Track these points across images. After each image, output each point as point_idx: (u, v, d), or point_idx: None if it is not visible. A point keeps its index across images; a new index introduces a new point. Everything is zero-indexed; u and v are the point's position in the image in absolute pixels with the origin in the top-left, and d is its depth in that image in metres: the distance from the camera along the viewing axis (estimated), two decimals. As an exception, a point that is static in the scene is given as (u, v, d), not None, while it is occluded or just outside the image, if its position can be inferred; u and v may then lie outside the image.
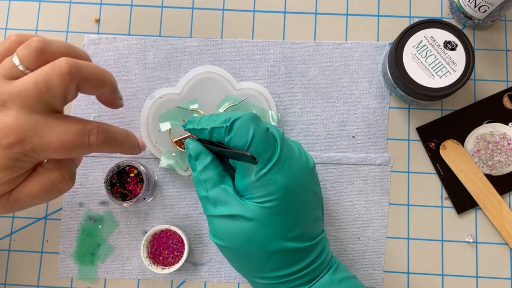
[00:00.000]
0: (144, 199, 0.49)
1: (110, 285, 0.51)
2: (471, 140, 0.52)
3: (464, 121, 0.52)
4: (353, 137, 0.52)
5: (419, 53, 0.49)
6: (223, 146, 0.39)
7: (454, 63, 0.48)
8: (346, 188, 0.52)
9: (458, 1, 0.52)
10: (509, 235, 0.50)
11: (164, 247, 0.50)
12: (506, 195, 0.51)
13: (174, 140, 0.51)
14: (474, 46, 0.54)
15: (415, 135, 0.53)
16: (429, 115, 0.53)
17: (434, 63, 0.48)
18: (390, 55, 0.49)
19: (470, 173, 0.51)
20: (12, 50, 0.37)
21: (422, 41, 0.49)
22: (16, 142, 0.34)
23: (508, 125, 0.52)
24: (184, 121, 0.44)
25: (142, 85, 0.53)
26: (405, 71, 0.48)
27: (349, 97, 0.53)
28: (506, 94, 0.53)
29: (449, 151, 0.51)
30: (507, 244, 0.51)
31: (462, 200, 0.51)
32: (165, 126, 0.51)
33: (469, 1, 0.50)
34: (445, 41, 0.49)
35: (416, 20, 0.53)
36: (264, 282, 0.40)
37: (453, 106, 0.53)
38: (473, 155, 0.51)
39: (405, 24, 0.54)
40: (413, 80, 0.48)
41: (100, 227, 0.52)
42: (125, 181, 0.48)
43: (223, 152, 0.40)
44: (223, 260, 0.51)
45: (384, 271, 0.51)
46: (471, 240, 0.51)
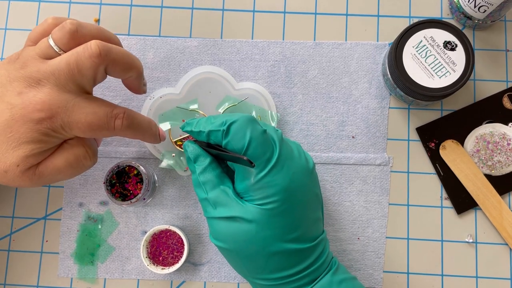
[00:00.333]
0: (144, 199, 0.49)
1: (110, 285, 0.51)
2: (471, 140, 0.52)
3: (464, 121, 0.52)
4: (353, 137, 0.52)
5: (419, 53, 0.49)
6: (221, 149, 0.39)
7: (454, 63, 0.48)
8: (346, 188, 0.52)
9: (458, 1, 0.52)
10: (509, 235, 0.50)
11: (164, 247, 0.50)
12: (506, 195, 0.51)
13: (174, 141, 0.51)
14: (474, 46, 0.54)
15: (415, 135, 0.53)
16: (429, 115, 0.53)
17: (434, 63, 0.48)
18: (390, 55, 0.49)
19: (470, 173, 0.51)
20: (48, 32, 0.40)
21: (422, 41, 0.49)
22: (47, 118, 0.37)
23: (508, 125, 0.52)
24: (183, 123, 0.44)
25: (142, 85, 0.53)
26: (405, 71, 0.48)
27: (349, 97, 0.53)
28: (506, 94, 0.53)
29: (449, 151, 0.51)
30: (507, 244, 0.51)
31: (462, 200, 0.51)
32: (165, 127, 0.51)
33: (469, 1, 0.50)
34: (445, 41, 0.49)
35: (416, 20, 0.53)
36: (265, 284, 0.40)
37: (453, 106, 0.53)
38: (473, 155, 0.51)
39: (405, 24, 0.54)
40: (413, 80, 0.48)
41: (100, 227, 0.52)
42: (125, 181, 0.48)
43: (221, 155, 0.39)
44: (223, 261, 0.51)
45: (384, 271, 0.51)
46: (471, 240, 0.51)
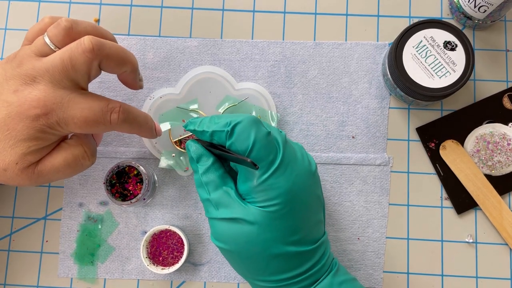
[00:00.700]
0: (144, 200, 0.49)
1: (110, 285, 0.51)
2: (471, 140, 0.52)
3: (464, 121, 0.52)
4: (353, 138, 0.52)
5: (419, 53, 0.49)
6: (224, 150, 0.39)
7: (454, 63, 0.48)
8: (346, 189, 0.52)
9: (458, 1, 0.52)
10: (509, 235, 0.50)
11: (164, 248, 0.50)
12: (506, 195, 0.51)
13: (174, 141, 0.51)
14: (474, 46, 0.54)
15: (415, 135, 0.53)
16: (429, 115, 0.53)
17: (434, 63, 0.48)
18: (390, 55, 0.49)
19: (470, 173, 0.51)
20: (45, 31, 0.41)
21: (422, 41, 0.49)
22: (42, 114, 0.38)
23: (508, 125, 0.52)
24: (185, 122, 0.44)
25: (142, 85, 0.53)
26: (405, 71, 0.48)
27: (349, 97, 0.53)
28: (506, 94, 0.53)
29: (449, 151, 0.51)
30: (507, 245, 0.51)
31: (462, 200, 0.51)
32: (165, 127, 0.51)
33: (469, 1, 0.50)
34: (445, 41, 0.49)
35: (416, 20, 0.53)
36: (265, 285, 0.40)
37: (453, 106, 0.53)
38: (473, 155, 0.51)
39: (405, 24, 0.54)
40: (413, 80, 0.48)
41: (100, 228, 0.52)
42: (125, 182, 0.48)
43: (224, 156, 0.39)
44: (223, 261, 0.51)
45: (384, 271, 0.51)
46: (471, 241, 0.51)
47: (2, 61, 0.40)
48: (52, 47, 0.39)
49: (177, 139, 0.51)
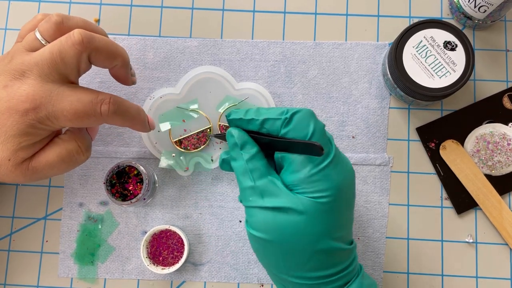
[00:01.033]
0: (144, 200, 0.49)
1: (110, 285, 0.51)
2: (471, 140, 0.52)
3: (464, 121, 0.52)
4: (353, 137, 0.52)
5: (419, 53, 0.49)
6: (277, 137, 0.38)
7: (454, 63, 0.48)
8: (346, 188, 0.52)
9: (458, 1, 0.52)
10: (509, 235, 0.50)
11: (164, 247, 0.50)
12: (506, 195, 0.51)
13: (174, 141, 0.51)
14: (474, 46, 0.54)
15: (415, 135, 0.53)
16: (429, 115, 0.53)
17: (434, 63, 0.48)
18: (390, 55, 0.49)
19: (470, 173, 0.51)
20: (36, 27, 0.41)
21: (422, 41, 0.49)
22: (31, 109, 0.37)
23: (508, 125, 0.52)
24: (228, 111, 0.42)
25: (142, 85, 0.53)
26: (405, 71, 0.48)
27: (349, 97, 0.53)
28: (506, 94, 0.53)
29: (449, 151, 0.51)
30: (507, 244, 0.51)
31: (462, 200, 0.51)
32: (165, 127, 0.51)
33: (469, 1, 0.50)
34: (445, 41, 0.49)
35: (416, 20, 0.53)
36: (299, 282, 0.38)
37: (453, 106, 0.53)
38: (473, 155, 0.51)
39: (405, 24, 0.54)
40: (413, 80, 0.48)
41: (100, 227, 0.52)
42: (125, 182, 0.48)
43: (275, 142, 0.38)
44: (223, 260, 0.51)
45: (384, 271, 0.51)
46: (471, 240, 0.51)
47: None
48: (43, 42, 0.39)
49: (177, 139, 0.51)
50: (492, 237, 0.51)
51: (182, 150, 0.50)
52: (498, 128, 0.51)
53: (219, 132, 0.51)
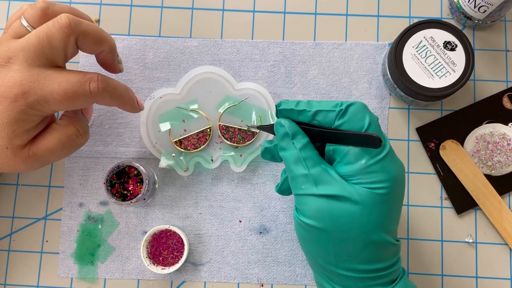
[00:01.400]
0: (144, 200, 0.49)
1: (110, 285, 0.51)
2: (471, 141, 0.52)
3: (464, 121, 0.52)
4: (353, 137, 0.52)
5: (419, 54, 0.49)
6: (330, 129, 0.38)
7: (454, 64, 0.48)
8: (346, 188, 0.52)
9: (458, 2, 0.52)
10: (509, 235, 0.50)
11: (164, 247, 0.50)
12: (506, 195, 0.51)
13: (174, 141, 0.51)
14: (474, 47, 0.54)
15: (415, 135, 0.53)
16: (429, 115, 0.53)
17: (434, 64, 0.48)
18: (390, 55, 0.49)
19: (470, 174, 0.51)
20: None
21: (422, 42, 0.49)
22: (20, 94, 0.37)
23: (508, 125, 0.52)
24: (279, 101, 0.42)
25: (142, 85, 0.53)
26: (405, 71, 0.48)
27: (349, 97, 0.53)
28: (506, 94, 0.53)
29: (449, 152, 0.51)
30: (507, 245, 0.51)
31: (462, 201, 0.51)
32: (165, 127, 0.51)
33: (469, 2, 0.50)
34: (445, 42, 0.49)
35: (416, 21, 0.53)
36: (347, 275, 0.38)
37: (453, 106, 0.53)
38: (473, 156, 0.51)
39: (405, 25, 0.54)
40: (413, 80, 0.48)
41: (100, 227, 0.52)
42: (125, 182, 0.48)
43: (328, 134, 0.38)
44: (223, 260, 0.51)
45: (384, 271, 0.51)
46: (471, 241, 0.51)
47: None
48: (29, 29, 0.40)
49: (177, 139, 0.51)
50: (492, 237, 0.51)
51: (182, 150, 0.50)
52: (498, 128, 0.51)
53: (220, 132, 0.51)
